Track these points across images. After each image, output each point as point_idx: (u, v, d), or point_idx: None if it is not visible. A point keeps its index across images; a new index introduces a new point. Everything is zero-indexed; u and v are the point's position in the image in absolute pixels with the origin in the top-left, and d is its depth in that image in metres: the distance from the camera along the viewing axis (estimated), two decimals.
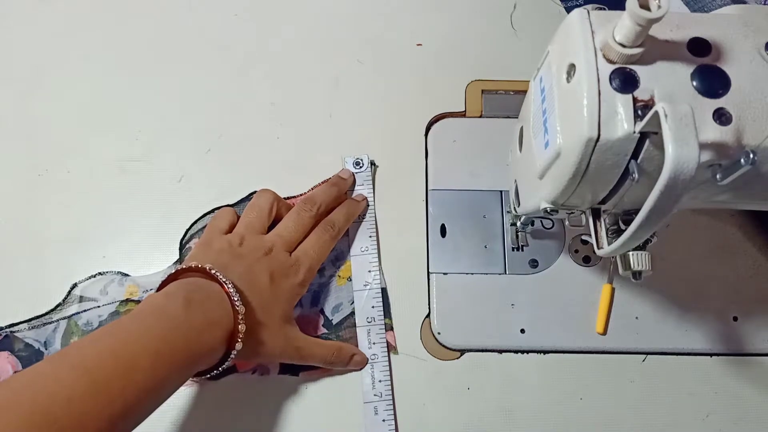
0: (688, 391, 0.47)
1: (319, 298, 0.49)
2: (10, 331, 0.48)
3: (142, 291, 0.49)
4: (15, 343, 0.47)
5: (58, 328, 0.48)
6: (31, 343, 0.48)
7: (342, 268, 0.50)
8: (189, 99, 0.55)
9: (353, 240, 0.50)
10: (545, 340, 0.48)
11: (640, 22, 0.27)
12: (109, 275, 0.49)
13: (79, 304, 0.48)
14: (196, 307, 0.38)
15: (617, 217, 0.36)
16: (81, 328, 0.48)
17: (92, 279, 0.49)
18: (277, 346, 0.42)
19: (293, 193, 0.51)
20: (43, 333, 0.48)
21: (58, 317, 0.48)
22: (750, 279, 0.50)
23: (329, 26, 0.57)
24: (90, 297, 0.49)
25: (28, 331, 0.48)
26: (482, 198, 0.52)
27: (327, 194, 0.48)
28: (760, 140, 0.29)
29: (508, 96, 0.55)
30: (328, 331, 0.48)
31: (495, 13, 0.58)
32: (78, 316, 0.48)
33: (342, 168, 0.52)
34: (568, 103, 0.31)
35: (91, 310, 0.48)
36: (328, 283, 0.49)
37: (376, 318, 0.48)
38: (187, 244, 0.50)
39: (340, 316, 0.48)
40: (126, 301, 0.49)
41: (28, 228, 0.51)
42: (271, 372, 0.47)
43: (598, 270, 0.50)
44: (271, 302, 0.42)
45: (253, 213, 0.47)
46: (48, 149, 0.53)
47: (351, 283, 0.49)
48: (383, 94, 0.55)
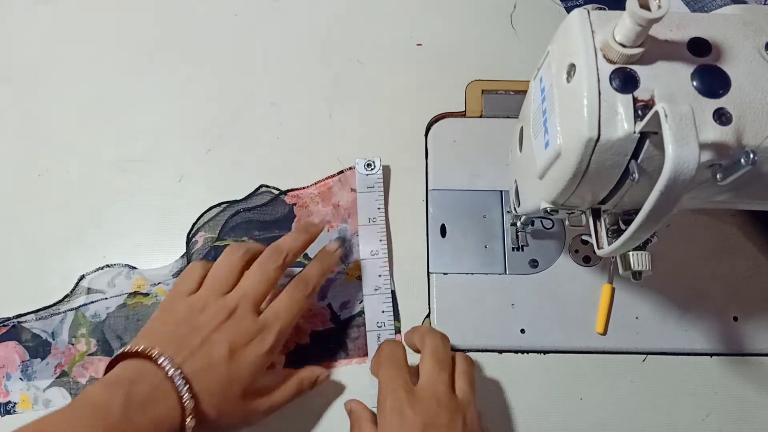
0: (688, 391, 0.47)
1: (327, 292, 0.49)
2: (17, 321, 0.48)
3: (150, 284, 0.49)
4: (22, 334, 0.48)
5: (65, 319, 0.48)
6: (38, 334, 0.48)
7: (351, 266, 0.50)
8: (189, 99, 0.55)
9: (363, 243, 0.50)
10: (545, 340, 0.48)
11: (641, 22, 0.27)
12: (116, 268, 0.50)
13: (87, 296, 0.49)
14: (138, 407, 0.34)
15: (617, 217, 0.36)
16: (88, 320, 0.48)
17: (100, 271, 0.49)
18: (237, 422, 0.40)
19: (302, 184, 0.51)
20: (51, 324, 0.48)
21: (66, 308, 0.48)
22: (750, 279, 0.49)
23: (329, 26, 0.57)
24: (97, 289, 0.49)
25: (35, 322, 0.48)
26: (482, 198, 0.52)
27: (295, 242, 0.44)
28: (760, 140, 0.29)
29: (508, 96, 0.55)
30: (335, 326, 0.48)
31: (495, 13, 0.58)
32: (86, 307, 0.48)
33: (347, 168, 0.51)
34: (568, 103, 0.31)
35: (99, 301, 0.49)
36: (336, 279, 0.49)
37: (386, 323, 0.48)
38: (193, 238, 0.50)
39: (348, 313, 0.48)
40: (134, 293, 0.49)
41: (28, 228, 0.51)
42: (277, 365, 0.47)
43: (598, 270, 0.50)
44: (229, 381, 0.38)
45: (222, 271, 0.42)
46: (48, 149, 0.53)
47: (360, 282, 0.49)
48: (383, 94, 0.55)
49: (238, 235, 0.50)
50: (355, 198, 0.51)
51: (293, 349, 0.47)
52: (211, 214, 0.51)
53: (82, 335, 0.48)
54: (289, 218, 0.51)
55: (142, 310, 0.48)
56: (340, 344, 0.48)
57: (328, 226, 0.50)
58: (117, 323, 0.48)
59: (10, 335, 0.48)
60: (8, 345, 0.48)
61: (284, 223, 0.51)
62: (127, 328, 0.48)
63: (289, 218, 0.51)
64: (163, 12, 0.58)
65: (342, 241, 0.49)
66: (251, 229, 0.50)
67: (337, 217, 0.51)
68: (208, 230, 0.50)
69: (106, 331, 0.48)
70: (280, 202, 0.51)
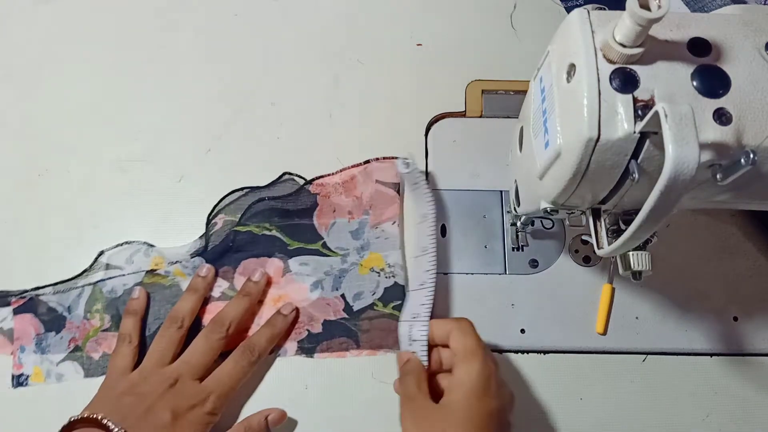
0: (688, 391, 0.47)
1: (341, 283, 0.49)
2: (34, 294, 0.48)
3: (168, 263, 0.49)
4: (39, 306, 0.48)
5: (82, 294, 0.48)
6: (54, 307, 0.48)
7: (366, 258, 0.49)
8: (189, 99, 0.55)
9: (412, 242, 0.50)
10: (545, 340, 0.48)
11: (641, 22, 0.27)
12: (135, 244, 0.50)
13: (105, 271, 0.49)
14: None
15: (617, 217, 0.36)
16: (105, 295, 0.48)
17: (119, 247, 0.50)
18: None
19: (323, 172, 0.51)
20: (67, 298, 0.48)
21: (83, 283, 0.49)
22: (750, 279, 0.50)
23: (329, 26, 0.57)
24: (116, 265, 0.49)
25: (52, 296, 0.48)
26: (482, 198, 0.52)
27: (237, 310, 0.46)
28: (760, 140, 0.29)
29: (508, 96, 0.55)
30: (348, 316, 0.48)
31: (495, 13, 0.58)
32: (103, 283, 0.49)
33: (374, 159, 0.51)
34: (568, 103, 0.31)
35: (117, 278, 0.49)
36: (349, 270, 0.49)
37: (421, 314, 0.46)
38: (213, 219, 0.50)
39: (361, 304, 0.48)
40: (151, 272, 0.49)
41: (28, 228, 0.51)
42: (288, 353, 0.47)
43: (598, 270, 0.50)
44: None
45: (161, 344, 0.44)
46: (48, 149, 0.53)
47: (373, 273, 0.49)
48: (383, 94, 0.55)
49: (259, 220, 0.50)
50: (378, 191, 0.50)
51: (305, 337, 0.48)
52: (233, 197, 0.51)
53: (97, 311, 0.48)
54: (311, 209, 0.51)
55: (159, 289, 0.49)
56: (351, 335, 0.48)
57: (349, 217, 0.50)
58: None
59: (27, 308, 0.48)
60: (24, 317, 0.48)
61: (306, 213, 0.51)
62: None
63: (311, 209, 0.51)
64: (163, 12, 0.58)
65: (294, 308, 0.48)
66: (272, 217, 0.50)
67: (359, 208, 0.51)
68: (228, 213, 0.51)
69: (121, 307, 0.48)
70: (304, 193, 0.51)
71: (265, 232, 0.50)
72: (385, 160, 0.51)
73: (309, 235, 0.50)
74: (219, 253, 0.49)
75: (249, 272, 0.49)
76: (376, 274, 0.49)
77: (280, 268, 0.49)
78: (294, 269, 0.49)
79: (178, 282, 0.49)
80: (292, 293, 0.49)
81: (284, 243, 0.50)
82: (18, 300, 0.48)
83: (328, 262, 0.49)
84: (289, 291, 0.49)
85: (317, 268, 0.49)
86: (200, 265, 0.49)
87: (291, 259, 0.49)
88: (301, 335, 0.48)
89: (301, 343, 0.47)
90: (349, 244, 0.50)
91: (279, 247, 0.50)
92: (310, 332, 0.48)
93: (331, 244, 0.50)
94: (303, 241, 0.50)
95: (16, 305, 0.48)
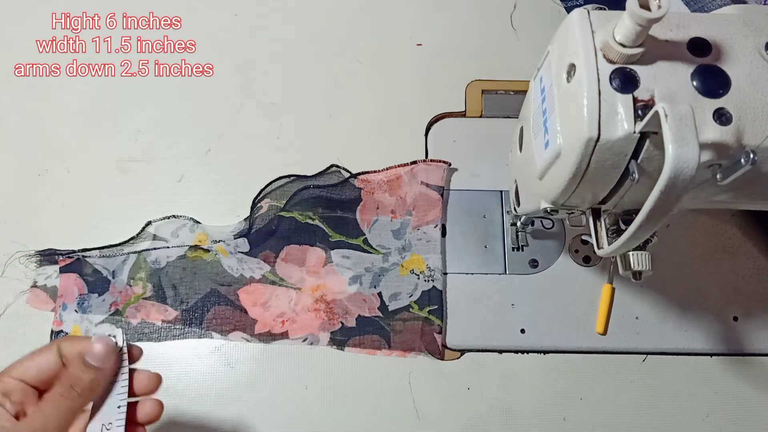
0: (688, 391, 0.47)
1: (380, 281, 0.49)
2: (82, 255, 0.49)
3: (211, 240, 0.50)
4: (84, 267, 0.49)
5: (127, 261, 0.49)
6: (99, 270, 0.49)
7: (407, 259, 0.50)
8: (189, 99, 0.55)
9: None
10: (545, 340, 0.48)
11: (641, 22, 0.27)
12: (182, 219, 0.51)
13: (152, 242, 0.50)
14: None
15: (617, 217, 0.36)
16: (149, 265, 0.49)
17: (166, 220, 0.50)
18: None
19: (367, 168, 0.52)
20: (113, 263, 0.49)
21: (129, 250, 0.49)
22: (750, 279, 0.49)
23: (329, 26, 0.57)
24: (162, 237, 0.50)
25: (98, 259, 0.49)
26: (482, 198, 0.52)
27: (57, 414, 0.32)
28: (760, 140, 0.29)
29: (508, 96, 0.55)
30: (382, 316, 0.48)
31: (495, 13, 0.58)
32: (148, 252, 0.49)
33: (420, 160, 0.51)
34: (568, 103, 0.31)
35: (161, 249, 0.49)
36: (390, 269, 0.49)
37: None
38: (258, 203, 0.51)
39: (397, 305, 0.49)
40: (194, 247, 0.49)
41: (28, 228, 0.51)
42: (320, 342, 0.48)
43: (598, 270, 0.50)
44: None
45: None
46: (48, 149, 0.53)
47: (413, 275, 0.49)
48: (383, 94, 0.55)
49: (304, 208, 0.51)
50: (422, 193, 0.51)
51: (339, 329, 0.48)
52: (280, 183, 0.51)
53: (140, 279, 0.49)
54: (356, 202, 0.51)
55: (200, 264, 0.49)
56: (384, 334, 0.48)
57: (392, 216, 0.51)
58: (174, 273, 0.49)
59: (73, 267, 0.49)
60: (69, 276, 0.48)
61: (350, 205, 0.51)
62: (183, 279, 0.49)
63: (356, 202, 0.51)
64: (163, 12, 0.58)
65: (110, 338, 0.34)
66: (317, 206, 0.51)
67: (402, 208, 0.51)
68: (274, 198, 0.51)
69: (163, 278, 0.48)
70: (349, 186, 0.51)
71: (308, 221, 0.50)
72: (432, 162, 0.51)
73: (351, 229, 0.50)
74: (263, 236, 0.50)
75: (291, 258, 0.49)
76: (416, 276, 0.49)
77: (322, 258, 0.50)
78: (336, 260, 0.50)
79: (220, 259, 0.49)
80: (331, 284, 0.49)
81: (326, 234, 0.50)
82: (65, 259, 0.49)
83: (369, 259, 0.50)
84: (328, 282, 0.49)
85: (358, 263, 0.50)
86: (242, 244, 0.50)
87: (333, 250, 0.50)
88: (335, 327, 0.48)
89: (334, 335, 0.48)
90: (390, 244, 0.50)
91: (320, 237, 0.50)
92: (344, 325, 0.48)
93: (372, 241, 0.50)
94: (344, 235, 0.50)
95: (63, 264, 0.49)
